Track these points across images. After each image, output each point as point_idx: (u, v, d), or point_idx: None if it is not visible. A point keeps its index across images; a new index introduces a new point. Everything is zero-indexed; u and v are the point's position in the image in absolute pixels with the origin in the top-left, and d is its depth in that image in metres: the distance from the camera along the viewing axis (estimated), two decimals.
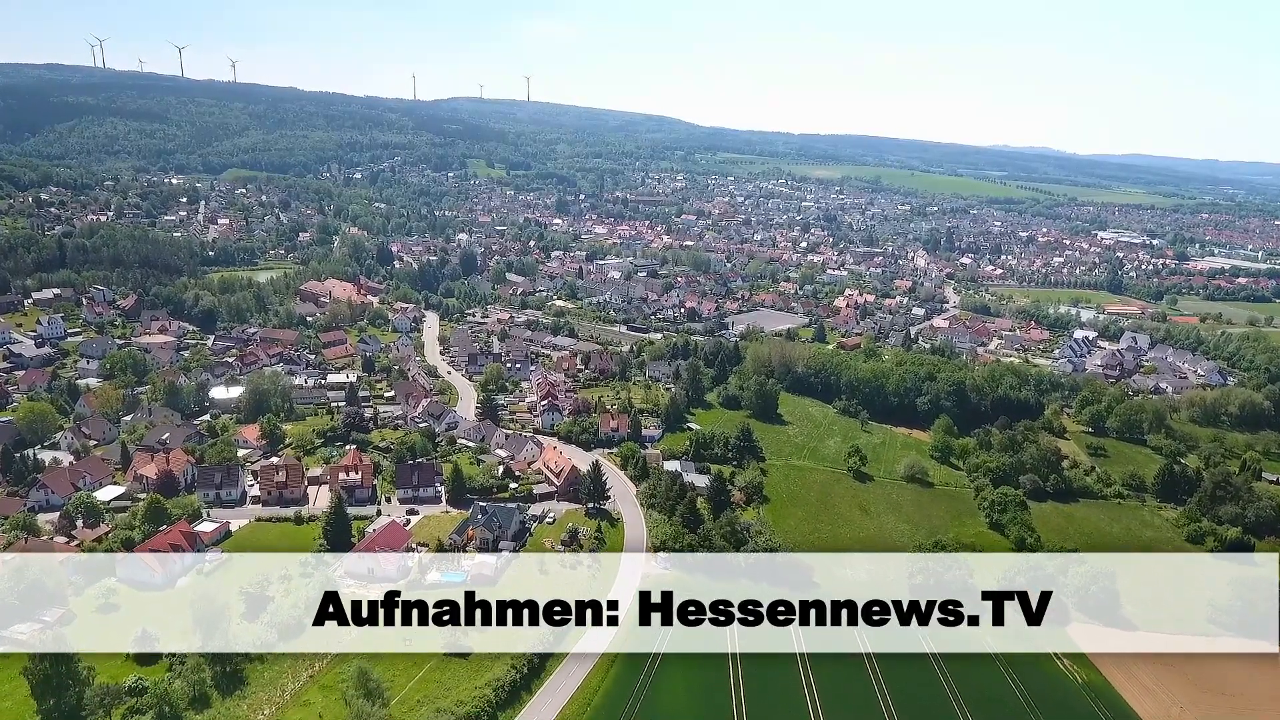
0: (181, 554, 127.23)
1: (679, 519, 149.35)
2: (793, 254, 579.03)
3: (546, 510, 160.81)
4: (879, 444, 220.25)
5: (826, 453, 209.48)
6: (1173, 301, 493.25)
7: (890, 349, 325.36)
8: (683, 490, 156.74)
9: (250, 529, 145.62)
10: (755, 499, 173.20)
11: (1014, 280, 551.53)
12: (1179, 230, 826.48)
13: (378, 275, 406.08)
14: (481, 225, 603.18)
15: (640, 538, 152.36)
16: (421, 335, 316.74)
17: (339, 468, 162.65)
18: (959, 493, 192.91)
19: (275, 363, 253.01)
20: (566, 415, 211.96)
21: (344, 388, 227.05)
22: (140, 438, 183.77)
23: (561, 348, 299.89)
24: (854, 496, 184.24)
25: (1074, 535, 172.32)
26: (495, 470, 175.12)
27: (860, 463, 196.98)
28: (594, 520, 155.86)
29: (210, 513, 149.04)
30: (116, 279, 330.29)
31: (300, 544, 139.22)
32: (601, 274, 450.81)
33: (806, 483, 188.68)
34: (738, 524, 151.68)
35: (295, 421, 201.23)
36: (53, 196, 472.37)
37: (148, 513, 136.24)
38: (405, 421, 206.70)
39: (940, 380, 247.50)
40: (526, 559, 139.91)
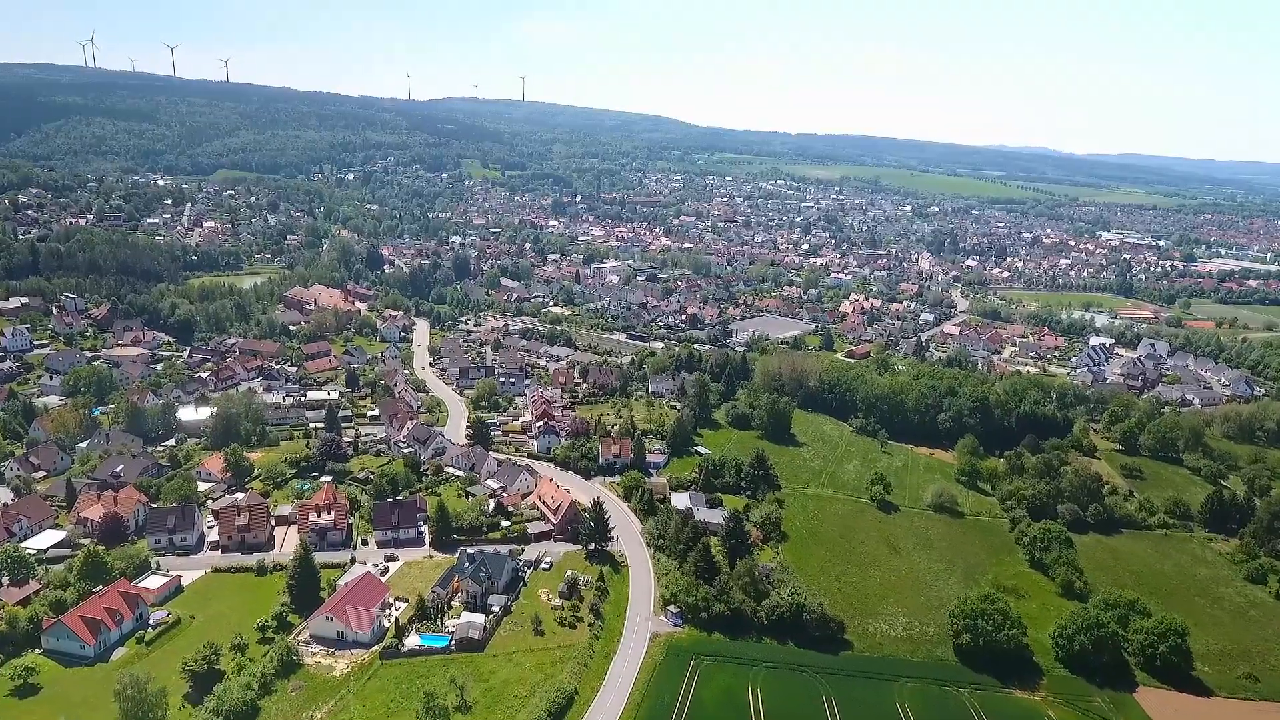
0: (120, 619, 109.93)
1: (691, 567, 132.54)
2: (795, 256, 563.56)
3: (542, 554, 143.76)
4: (900, 467, 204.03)
5: (846, 478, 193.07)
6: (1185, 305, 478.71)
7: (902, 358, 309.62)
8: (695, 533, 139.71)
9: (205, 582, 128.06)
10: (773, 536, 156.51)
11: (1021, 283, 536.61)
12: (1183, 231, 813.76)
13: (367, 280, 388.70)
14: (476, 227, 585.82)
15: (648, 587, 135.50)
16: (411, 345, 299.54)
17: (309, 507, 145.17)
18: (992, 524, 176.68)
19: (253, 377, 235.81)
20: (564, 438, 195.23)
21: (324, 406, 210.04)
22: (93, 469, 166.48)
23: (559, 358, 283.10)
24: (880, 531, 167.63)
25: (1123, 575, 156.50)
26: (485, 506, 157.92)
27: (884, 491, 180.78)
28: (596, 566, 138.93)
29: (160, 563, 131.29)
30: (90, 286, 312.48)
31: (261, 601, 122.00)
32: (599, 278, 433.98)
33: (827, 515, 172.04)
34: (756, 571, 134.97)
35: (267, 447, 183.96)
36: (31, 199, 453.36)
37: (85, 567, 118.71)
38: (389, 446, 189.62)
39: (961, 396, 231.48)
40: (520, 616, 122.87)
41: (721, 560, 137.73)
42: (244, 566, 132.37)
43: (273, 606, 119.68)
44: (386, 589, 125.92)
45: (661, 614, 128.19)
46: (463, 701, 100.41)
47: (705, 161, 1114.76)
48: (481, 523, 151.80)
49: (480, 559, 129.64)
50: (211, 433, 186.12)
